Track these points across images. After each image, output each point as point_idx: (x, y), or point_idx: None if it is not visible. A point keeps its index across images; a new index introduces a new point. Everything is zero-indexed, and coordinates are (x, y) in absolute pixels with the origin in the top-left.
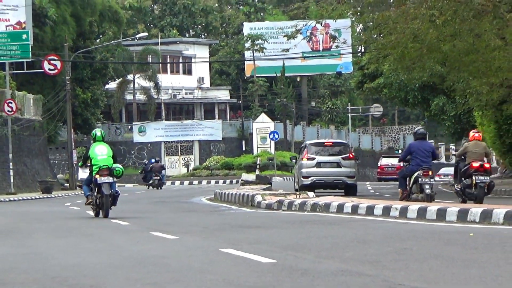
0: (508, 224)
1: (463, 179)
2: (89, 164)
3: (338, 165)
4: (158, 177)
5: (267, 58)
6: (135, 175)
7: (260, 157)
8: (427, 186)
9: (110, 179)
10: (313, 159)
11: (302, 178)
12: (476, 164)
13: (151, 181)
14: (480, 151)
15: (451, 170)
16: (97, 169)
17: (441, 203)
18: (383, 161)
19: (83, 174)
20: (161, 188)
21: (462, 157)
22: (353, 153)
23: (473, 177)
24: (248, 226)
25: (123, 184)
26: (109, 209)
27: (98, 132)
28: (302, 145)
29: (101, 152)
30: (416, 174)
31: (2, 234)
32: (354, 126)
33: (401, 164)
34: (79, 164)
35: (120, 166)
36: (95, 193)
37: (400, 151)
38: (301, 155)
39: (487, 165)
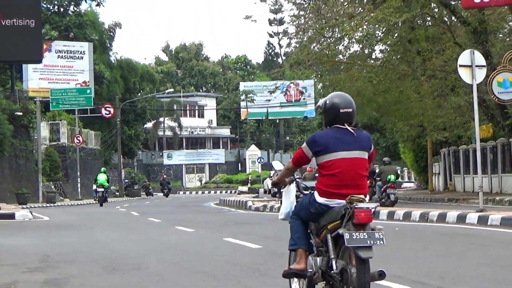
0: (422, 221)
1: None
2: (97, 183)
3: None
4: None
5: (256, 106)
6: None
7: (251, 175)
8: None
9: (102, 190)
10: None
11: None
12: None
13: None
14: (311, 176)
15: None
16: (98, 185)
17: None
18: None
19: (94, 186)
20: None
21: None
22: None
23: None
24: (243, 222)
25: (157, 193)
26: (102, 202)
27: (102, 169)
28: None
29: (101, 178)
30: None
31: (72, 228)
32: None
33: None
34: (94, 182)
35: (107, 184)
36: (97, 195)
37: None
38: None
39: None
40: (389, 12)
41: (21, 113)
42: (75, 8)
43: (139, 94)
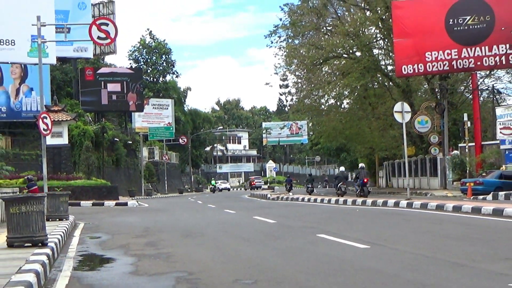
0: (372, 206)
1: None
2: (211, 184)
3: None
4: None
5: (272, 137)
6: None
7: (269, 178)
8: None
9: (213, 187)
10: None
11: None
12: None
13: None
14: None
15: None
16: (212, 185)
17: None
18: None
19: (209, 185)
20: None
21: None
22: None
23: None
24: (264, 207)
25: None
26: (213, 191)
27: (212, 180)
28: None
29: (213, 182)
30: None
31: (162, 211)
32: (308, 165)
33: None
34: (209, 183)
35: (215, 184)
36: (212, 189)
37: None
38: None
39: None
40: (352, 80)
41: (131, 142)
42: (163, 79)
43: (202, 130)
